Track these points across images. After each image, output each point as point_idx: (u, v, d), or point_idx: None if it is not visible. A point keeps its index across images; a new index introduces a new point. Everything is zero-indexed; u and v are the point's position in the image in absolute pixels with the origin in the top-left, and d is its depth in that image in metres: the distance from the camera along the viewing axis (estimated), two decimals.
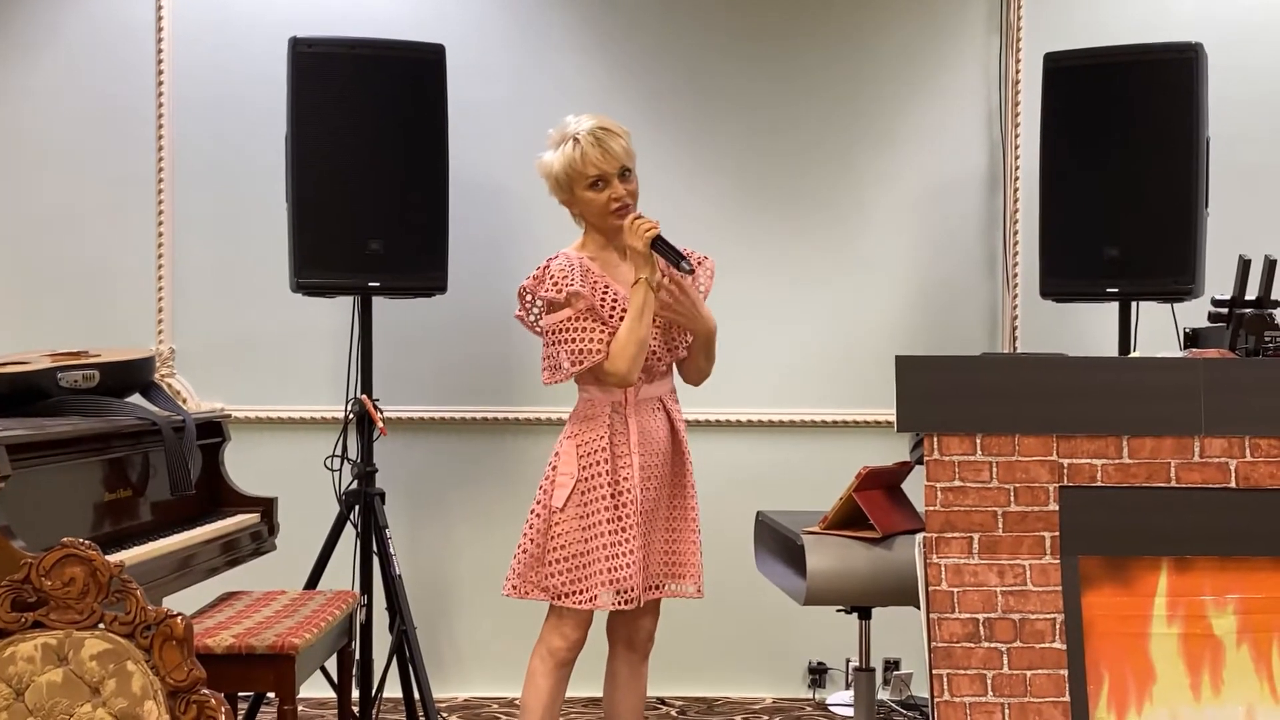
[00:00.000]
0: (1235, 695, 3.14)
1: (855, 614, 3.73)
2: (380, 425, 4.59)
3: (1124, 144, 4.63)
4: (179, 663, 2.25)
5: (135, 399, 4.00)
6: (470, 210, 5.05)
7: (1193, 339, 3.82)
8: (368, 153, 4.60)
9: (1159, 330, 4.80)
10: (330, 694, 4.35)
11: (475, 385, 5.26)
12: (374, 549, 4.63)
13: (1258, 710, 3.13)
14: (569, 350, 3.45)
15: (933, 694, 3.12)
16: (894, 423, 3.21)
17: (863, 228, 5.33)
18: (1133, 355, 4.46)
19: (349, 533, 4.63)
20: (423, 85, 4.66)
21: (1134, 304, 4.76)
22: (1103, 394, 3.16)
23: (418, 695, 4.58)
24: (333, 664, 4.07)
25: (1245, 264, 3.55)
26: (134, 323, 5.18)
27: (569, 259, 3.52)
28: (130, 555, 3.31)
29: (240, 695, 4.33)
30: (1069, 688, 3.10)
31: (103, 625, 2.27)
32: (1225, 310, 3.54)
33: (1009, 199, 5.28)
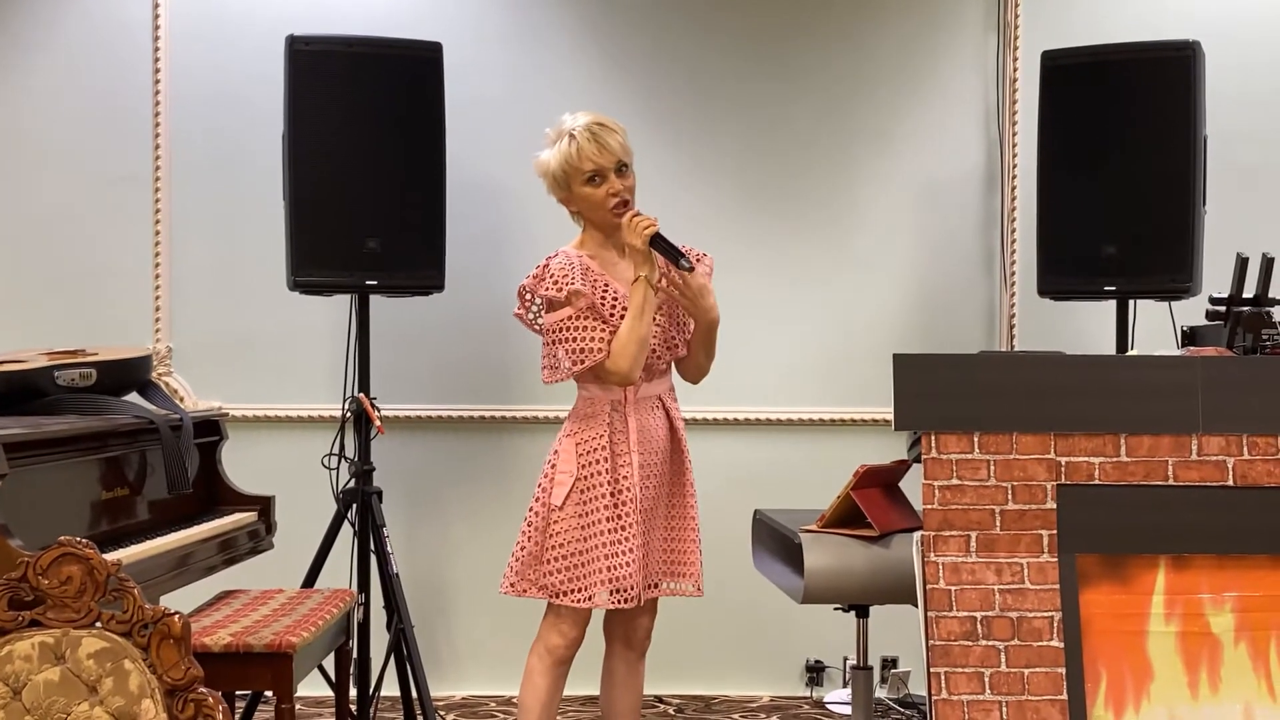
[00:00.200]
0: (1233, 693, 3.14)
1: (853, 612, 3.73)
2: (377, 424, 4.59)
3: (1121, 142, 4.63)
4: (176, 661, 2.24)
5: (132, 397, 4.00)
6: (468, 208, 5.05)
7: (1190, 337, 3.82)
8: (365, 151, 4.60)
9: (1156, 328, 4.80)
10: (328, 692, 4.35)
11: (472, 384, 5.26)
12: (371, 547, 4.63)
13: (1255, 708, 3.13)
14: (569, 349, 3.45)
15: (930, 692, 3.12)
16: (891, 421, 3.21)
17: (860, 226, 5.33)
18: (1130, 353, 4.46)
19: (346, 531, 4.63)
20: (420, 83, 4.66)
21: (1131, 302, 4.76)
22: (1100, 392, 3.16)
23: (415, 693, 4.58)
24: (330, 662, 4.07)
25: (1243, 262, 3.55)
26: (131, 321, 5.18)
27: (569, 257, 3.51)
28: (128, 554, 3.30)
29: (238, 694, 4.33)
30: (1067, 686, 3.10)
31: (100, 624, 2.26)
32: (1223, 308, 3.54)
33: (1006, 197, 5.28)
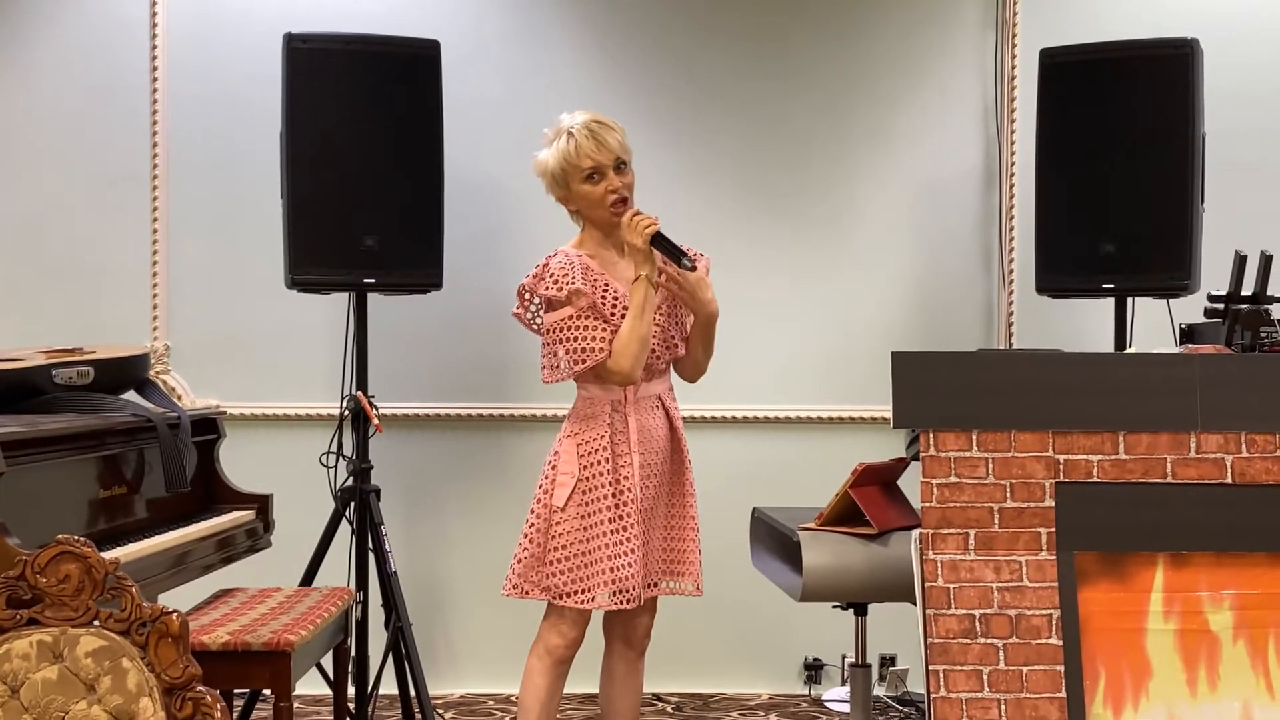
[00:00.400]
0: (1231, 691, 3.14)
1: (851, 610, 3.73)
2: (375, 422, 4.59)
3: (1120, 140, 4.62)
4: (174, 660, 2.24)
5: (130, 396, 4.00)
6: (465, 206, 5.04)
7: (1188, 335, 3.82)
8: (363, 149, 4.60)
9: (1155, 326, 4.80)
10: (326, 691, 4.34)
11: (470, 382, 5.25)
12: (369, 546, 4.63)
13: (1254, 706, 3.13)
14: (570, 349, 3.44)
15: (929, 690, 3.11)
16: (890, 419, 3.21)
17: (859, 224, 5.33)
18: (1128, 351, 4.46)
19: (344, 529, 4.63)
20: (418, 81, 4.65)
21: (1130, 300, 4.76)
22: (1099, 390, 3.16)
23: (413, 692, 4.58)
24: (328, 661, 4.07)
25: (1241, 260, 3.55)
26: (129, 319, 5.17)
27: (568, 256, 3.50)
28: (125, 552, 3.30)
29: (236, 692, 4.33)
30: (1065, 684, 3.10)
31: (98, 622, 2.26)
32: (1221, 306, 3.53)
33: (1005, 195, 5.28)
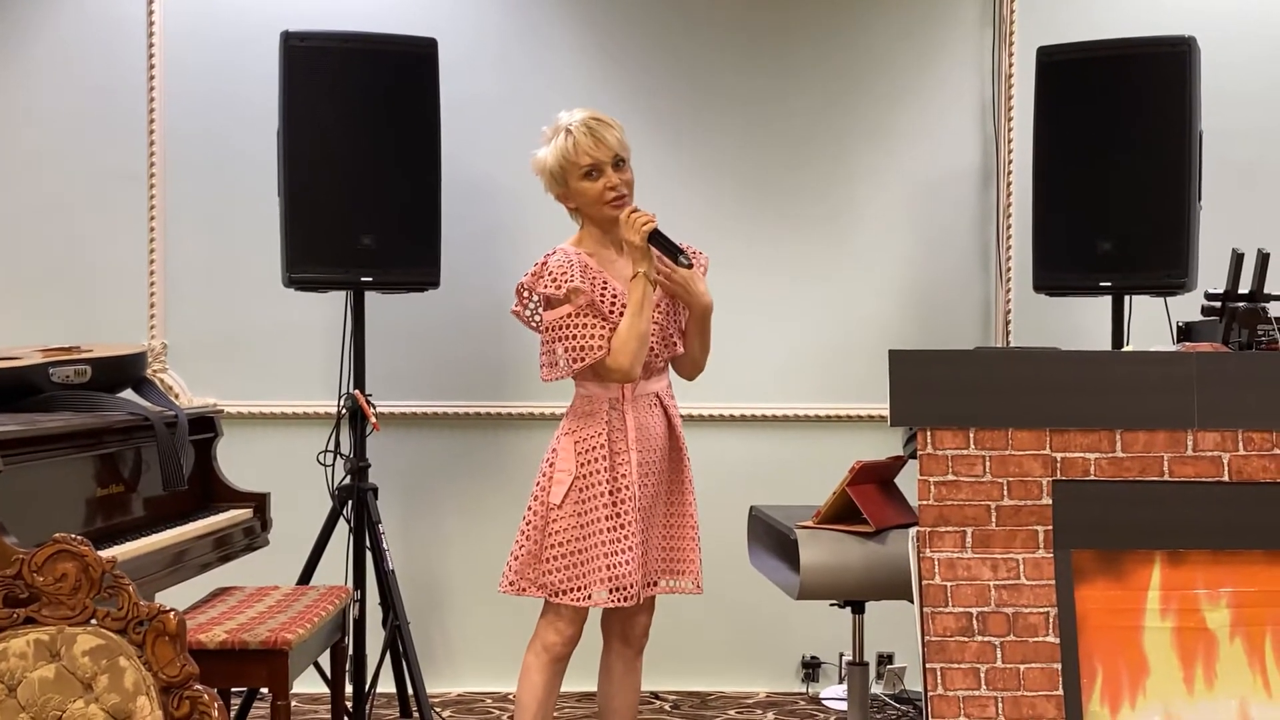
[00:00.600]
0: (1228, 689, 3.14)
1: (849, 608, 3.73)
2: (373, 420, 4.59)
3: (1117, 138, 4.62)
4: (172, 658, 2.24)
5: (128, 394, 4.00)
6: (462, 205, 5.04)
7: (1186, 333, 3.82)
8: (360, 147, 4.59)
9: (1152, 324, 4.80)
10: (323, 689, 4.34)
11: (468, 380, 5.25)
12: (367, 544, 4.63)
13: (1251, 704, 3.14)
14: (569, 347, 3.43)
15: (926, 688, 3.12)
16: (887, 417, 3.21)
17: (856, 222, 5.33)
18: (1126, 349, 4.46)
19: (342, 528, 4.63)
20: (415, 79, 4.65)
21: (1127, 298, 4.76)
22: (1096, 388, 3.16)
23: (411, 690, 4.58)
24: (326, 659, 4.07)
25: (1238, 258, 3.55)
26: (126, 318, 5.17)
27: (567, 254, 3.49)
28: (122, 551, 3.30)
29: (233, 690, 4.33)
30: (1062, 681, 3.10)
31: (95, 621, 2.26)
32: (1218, 304, 3.54)
33: (1002, 193, 5.28)
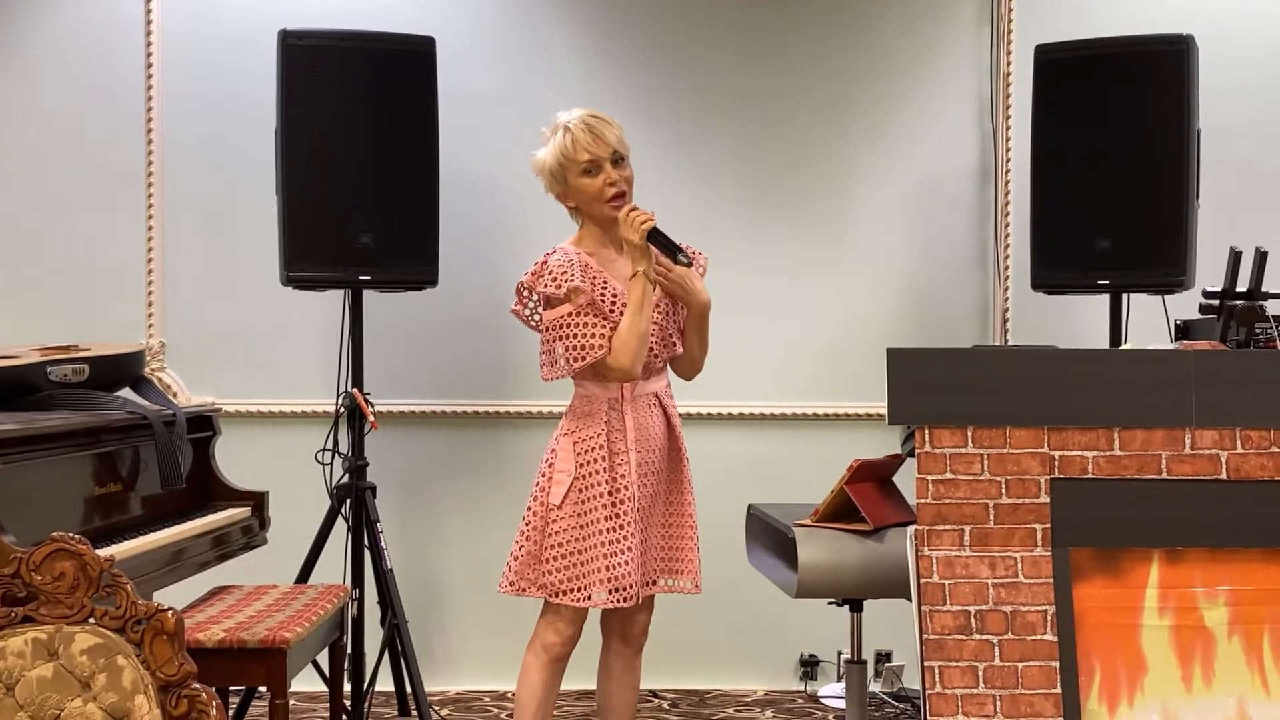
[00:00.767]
0: (1226, 687, 3.14)
1: (847, 606, 3.73)
2: (371, 419, 4.59)
3: (1115, 136, 4.62)
4: (170, 657, 2.24)
5: (125, 393, 3.99)
6: (461, 203, 5.04)
7: (1184, 331, 3.83)
8: (358, 146, 4.59)
9: (1150, 322, 4.80)
10: (322, 688, 4.34)
11: (466, 379, 5.25)
12: (365, 543, 4.63)
13: (1248, 701, 3.14)
14: (569, 346, 3.43)
15: (924, 686, 3.12)
16: (885, 415, 3.21)
17: (854, 221, 5.33)
18: (1124, 347, 4.46)
19: (340, 527, 4.63)
20: (413, 78, 4.65)
21: (1125, 296, 4.76)
22: (1094, 386, 3.17)
23: (409, 688, 4.58)
24: (324, 658, 4.07)
25: (1236, 256, 3.55)
26: (124, 317, 5.16)
27: (567, 253, 3.49)
28: (121, 550, 3.30)
29: (232, 689, 4.33)
30: (1060, 679, 3.10)
31: (93, 620, 2.26)
32: (1216, 302, 3.54)
33: (1000, 191, 5.28)
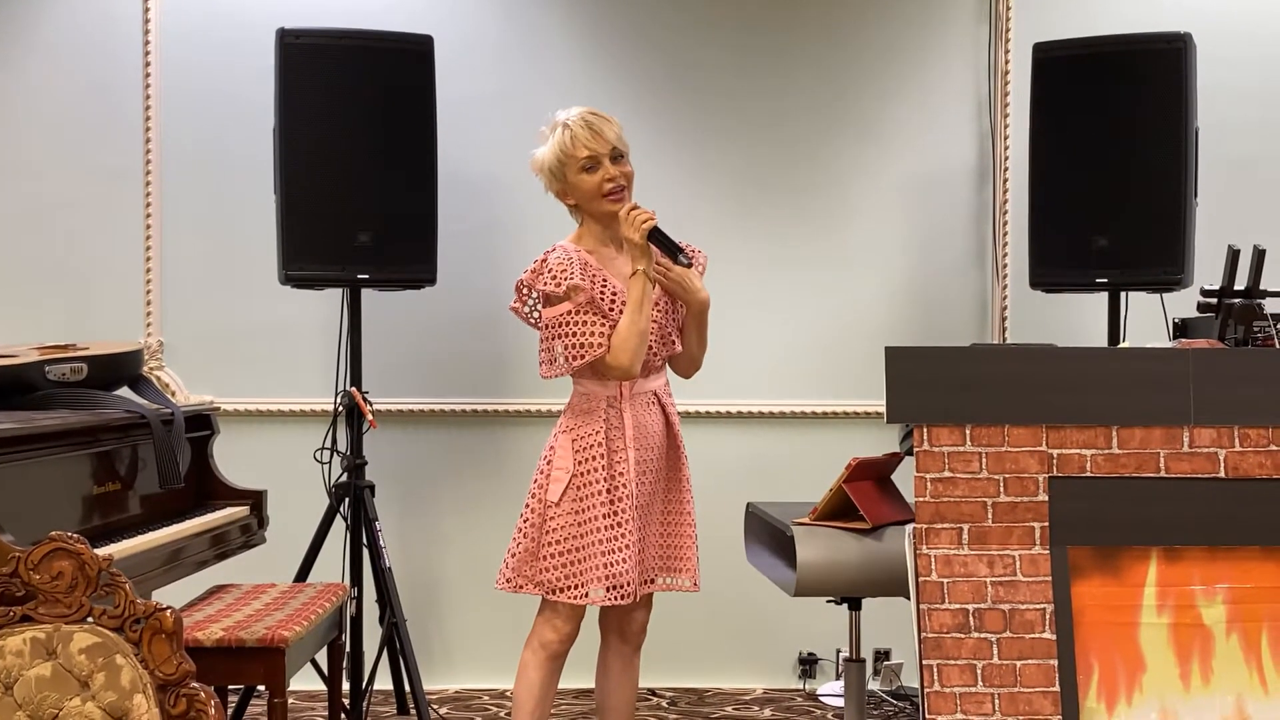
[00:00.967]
0: (1224, 685, 3.14)
1: (845, 605, 3.73)
2: (370, 418, 4.59)
3: (1113, 134, 4.63)
4: (168, 656, 2.24)
5: (124, 392, 3.99)
6: (459, 202, 5.04)
7: (1182, 329, 3.83)
8: (356, 145, 4.59)
9: (1148, 320, 4.80)
10: (321, 686, 4.34)
11: (465, 377, 5.25)
12: (364, 541, 4.63)
13: (1247, 700, 3.14)
14: (568, 344, 3.43)
15: (923, 684, 3.12)
16: (884, 414, 3.21)
17: (852, 219, 5.33)
18: (1122, 345, 4.46)
19: (339, 525, 4.63)
20: (411, 77, 4.65)
21: (1123, 294, 4.77)
22: (1092, 384, 3.17)
23: (408, 687, 4.58)
24: (323, 656, 4.07)
25: (1234, 254, 3.55)
26: (123, 316, 5.16)
27: (566, 252, 3.49)
28: (119, 549, 3.30)
29: (230, 688, 4.33)
30: (1059, 677, 3.10)
31: (91, 619, 2.26)
32: (1214, 300, 3.54)
33: (998, 190, 5.28)
